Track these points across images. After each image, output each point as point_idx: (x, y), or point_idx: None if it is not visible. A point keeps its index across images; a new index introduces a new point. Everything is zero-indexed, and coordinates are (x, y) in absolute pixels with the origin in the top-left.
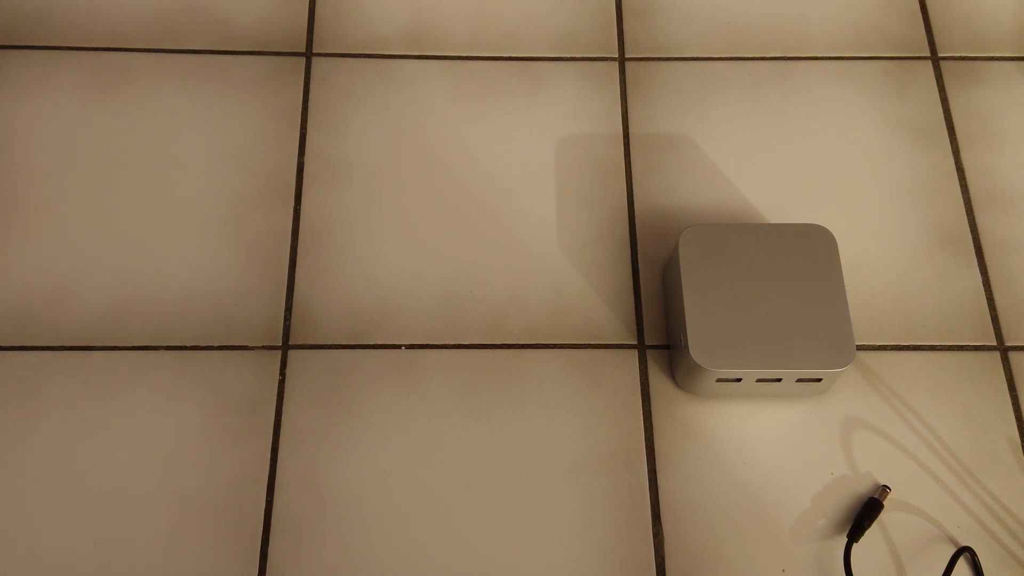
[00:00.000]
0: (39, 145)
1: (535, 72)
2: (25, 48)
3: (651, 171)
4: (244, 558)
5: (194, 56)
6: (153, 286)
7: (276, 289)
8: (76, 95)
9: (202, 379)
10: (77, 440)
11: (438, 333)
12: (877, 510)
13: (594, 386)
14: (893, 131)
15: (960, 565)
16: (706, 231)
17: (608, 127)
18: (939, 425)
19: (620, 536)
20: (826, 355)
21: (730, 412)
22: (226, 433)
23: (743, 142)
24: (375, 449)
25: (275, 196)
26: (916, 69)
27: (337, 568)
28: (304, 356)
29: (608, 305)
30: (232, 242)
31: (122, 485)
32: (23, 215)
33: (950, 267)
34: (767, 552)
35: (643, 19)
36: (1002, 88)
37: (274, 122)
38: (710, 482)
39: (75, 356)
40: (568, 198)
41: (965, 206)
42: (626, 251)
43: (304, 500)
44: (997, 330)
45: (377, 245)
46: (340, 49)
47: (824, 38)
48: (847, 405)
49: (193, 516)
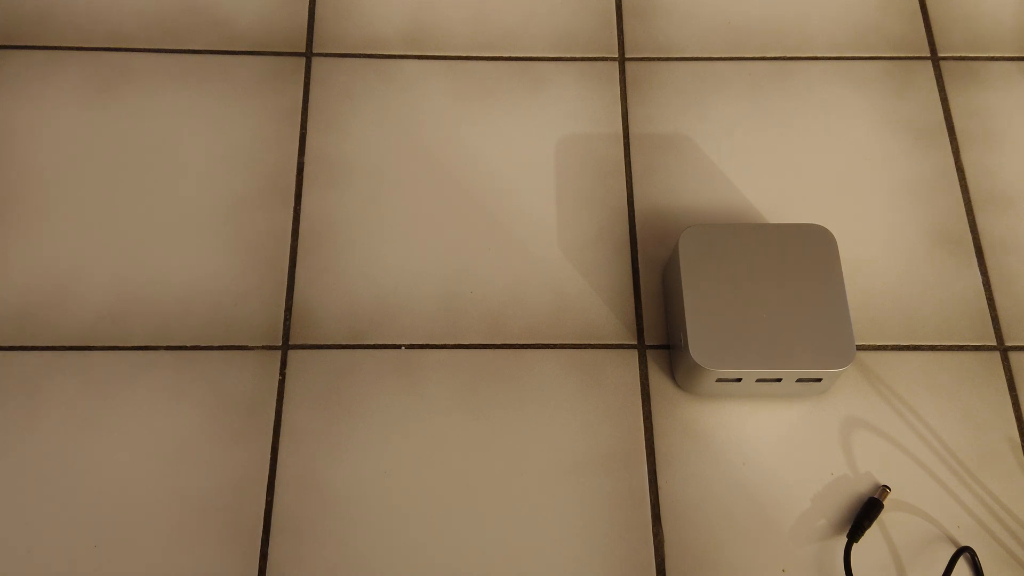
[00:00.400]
0: (39, 145)
1: (535, 72)
2: (25, 48)
3: (651, 171)
4: (244, 558)
5: (194, 56)
6: (153, 286)
7: (276, 289)
8: (76, 95)
9: (202, 379)
10: (77, 440)
11: (438, 333)
12: (877, 510)
13: (594, 386)
14: (893, 131)
15: (960, 565)
16: (706, 231)
17: (608, 127)
18: (939, 425)
19: (620, 536)
20: (826, 355)
21: (730, 412)
22: (226, 433)
23: (743, 142)
24: (375, 449)
25: (275, 196)
26: (916, 69)
27: (337, 568)
28: (304, 356)
29: (608, 305)
30: (232, 242)
31: (122, 485)
32: (23, 215)
33: (950, 267)
34: (767, 552)
35: (643, 19)
36: (1002, 88)
37: (274, 122)
38: (710, 482)
39: (75, 356)
40: (568, 198)
41: (965, 206)
42: (626, 251)
43: (304, 500)
44: (997, 330)
45: (377, 245)
46: (340, 49)
47: (824, 38)
48: (847, 405)
49: (193, 516)
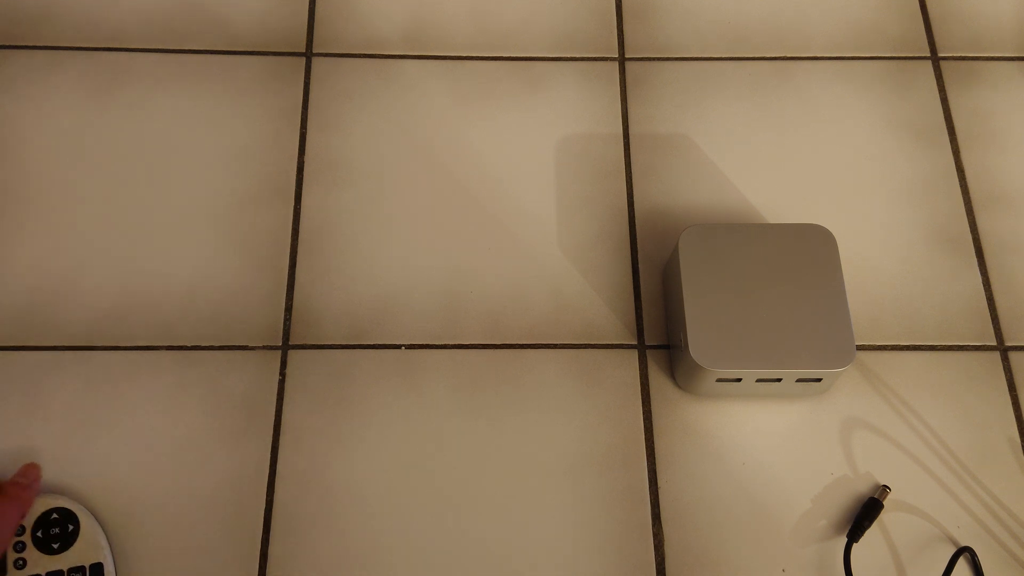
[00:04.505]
0: (39, 145)
1: (535, 72)
2: (25, 48)
3: (651, 171)
4: (244, 556)
5: (194, 56)
6: (154, 286)
7: (276, 289)
8: (76, 95)
9: (203, 379)
10: (78, 440)
11: (438, 333)
12: (877, 510)
13: (594, 386)
14: (893, 131)
15: (960, 565)
16: (706, 231)
17: (608, 127)
18: (939, 425)
19: (620, 536)
20: (826, 355)
21: (730, 412)
22: (227, 433)
23: (743, 142)
24: (375, 449)
25: (275, 196)
26: (916, 69)
27: (337, 566)
28: (304, 356)
29: (608, 305)
30: (232, 242)
31: (123, 484)
32: (24, 215)
33: (950, 267)
34: (767, 552)
35: (643, 19)
36: (1002, 88)
37: (274, 122)
38: (710, 482)
39: (76, 356)
40: (568, 198)
41: (965, 206)
42: (626, 251)
43: (304, 499)
44: (997, 330)
45: (377, 245)
46: (340, 49)
47: (824, 38)
48: (847, 405)
49: (194, 515)
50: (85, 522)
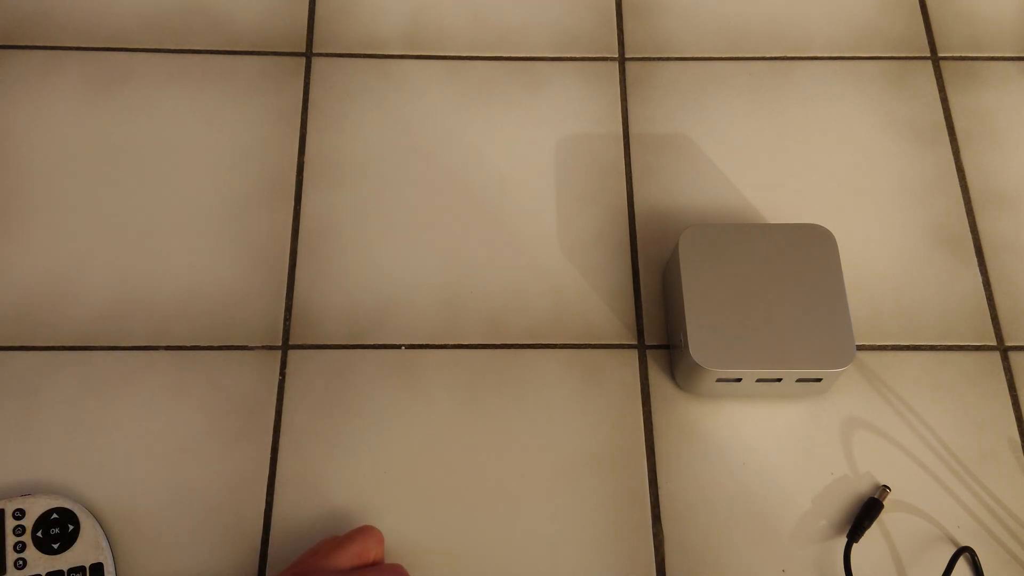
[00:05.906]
0: (39, 145)
1: (535, 72)
2: (25, 48)
3: (651, 171)
4: (244, 558)
5: (194, 56)
6: (153, 286)
7: (276, 289)
8: (76, 95)
9: (202, 379)
10: (77, 440)
11: (438, 333)
12: (877, 510)
13: (594, 386)
14: (893, 131)
15: (960, 565)
16: (706, 231)
17: (608, 127)
18: (939, 425)
19: (620, 536)
20: (826, 355)
21: (730, 412)
22: (226, 433)
23: (743, 142)
24: (375, 449)
25: (275, 196)
26: (916, 69)
27: None
28: (304, 356)
29: (608, 305)
30: (232, 242)
31: (122, 485)
32: (23, 215)
33: (950, 267)
34: (767, 552)
35: (643, 19)
36: (1002, 88)
37: (274, 122)
38: (710, 482)
39: (75, 356)
40: (568, 198)
41: (965, 206)
42: (626, 251)
43: (304, 500)
44: (997, 330)
45: (377, 245)
46: (340, 49)
47: (824, 38)
48: (847, 405)
49: (193, 516)
50: (85, 522)
